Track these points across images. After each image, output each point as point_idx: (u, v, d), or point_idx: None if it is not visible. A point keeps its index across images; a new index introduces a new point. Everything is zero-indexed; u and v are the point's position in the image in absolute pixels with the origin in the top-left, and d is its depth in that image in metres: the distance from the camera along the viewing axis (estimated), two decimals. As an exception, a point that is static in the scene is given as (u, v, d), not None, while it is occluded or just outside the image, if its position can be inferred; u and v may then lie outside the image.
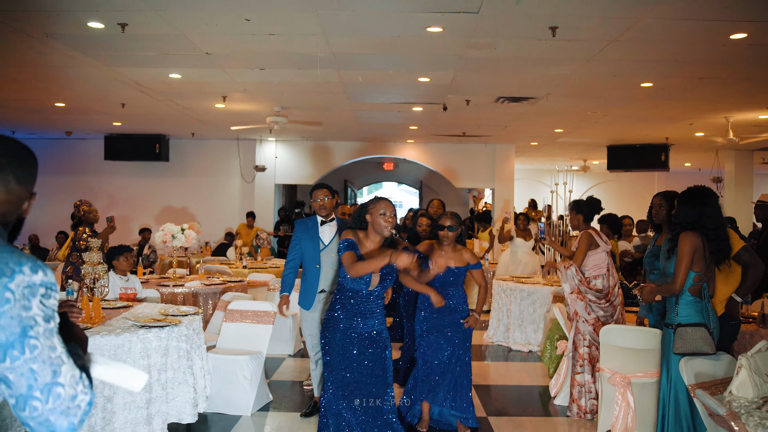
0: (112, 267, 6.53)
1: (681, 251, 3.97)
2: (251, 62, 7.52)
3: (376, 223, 4.03)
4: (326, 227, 5.43)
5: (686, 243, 3.96)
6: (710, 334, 3.90)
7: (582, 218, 5.83)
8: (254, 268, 10.13)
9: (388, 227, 4.01)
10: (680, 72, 7.59)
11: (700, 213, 4.02)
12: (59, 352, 1.50)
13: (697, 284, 3.99)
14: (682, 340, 3.96)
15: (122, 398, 4.44)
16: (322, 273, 5.34)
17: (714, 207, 4.05)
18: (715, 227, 3.99)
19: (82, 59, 7.42)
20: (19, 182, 1.75)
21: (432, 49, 6.77)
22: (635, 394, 4.98)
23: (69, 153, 15.19)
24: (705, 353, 3.89)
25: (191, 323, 5.02)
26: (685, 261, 3.95)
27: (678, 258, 3.98)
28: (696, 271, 3.98)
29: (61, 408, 1.47)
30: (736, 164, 15.29)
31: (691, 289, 3.98)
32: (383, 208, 4.03)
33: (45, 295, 1.52)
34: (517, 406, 6.04)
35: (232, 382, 5.56)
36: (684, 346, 3.94)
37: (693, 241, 3.96)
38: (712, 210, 4.03)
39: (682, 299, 3.99)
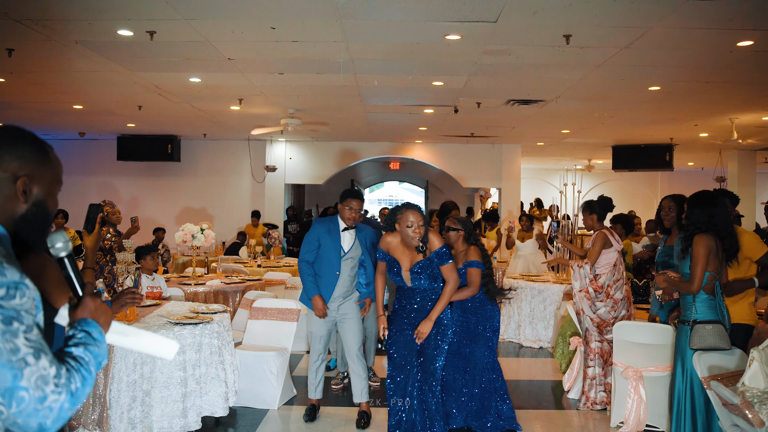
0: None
1: (697, 253, 4.18)
2: (271, 67, 7.74)
3: (404, 234, 4.33)
4: (347, 234, 5.43)
5: (701, 245, 4.18)
6: (726, 329, 4.12)
7: (596, 218, 6.04)
8: (269, 266, 10.34)
9: (416, 238, 4.29)
10: (688, 76, 7.82)
11: (710, 214, 4.24)
12: (22, 354, 1.42)
13: (710, 283, 4.21)
14: (699, 336, 4.18)
15: (159, 392, 4.67)
16: (340, 280, 5.42)
17: (722, 207, 4.27)
18: (726, 225, 4.22)
19: (106, 64, 7.63)
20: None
21: (449, 55, 6.98)
22: (647, 387, 5.22)
23: (82, 153, 15.42)
24: (721, 349, 4.11)
25: (221, 320, 5.24)
26: (701, 263, 4.16)
27: (694, 260, 4.19)
28: (710, 270, 4.20)
29: (28, 411, 1.41)
30: (739, 164, 15.51)
31: (705, 288, 4.20)
32: (410, 219, 4.30)
33: (5, 296, 1.44)
34: (531, 400, 6.27)
35: (260, 377, 5.79)
36: (701, 342, 4.16)
37: (708, 243, 4.18)
38: (721, 210, 4.25)
39: (698, 297, 4.22)
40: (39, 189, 1.71)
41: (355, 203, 5.36)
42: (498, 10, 5.46)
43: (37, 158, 1.71)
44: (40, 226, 1.74)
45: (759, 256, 4.52)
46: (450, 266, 4.40)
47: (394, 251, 4.43)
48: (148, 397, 4.65)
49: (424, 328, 4.35)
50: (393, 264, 4.45)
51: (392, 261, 4.44)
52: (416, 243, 4.28)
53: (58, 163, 1.81)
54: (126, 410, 4.59)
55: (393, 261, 4.44)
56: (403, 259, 4.42)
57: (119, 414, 4.56)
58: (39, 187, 1.71)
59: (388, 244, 4.48)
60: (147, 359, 4.64)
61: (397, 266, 4.42)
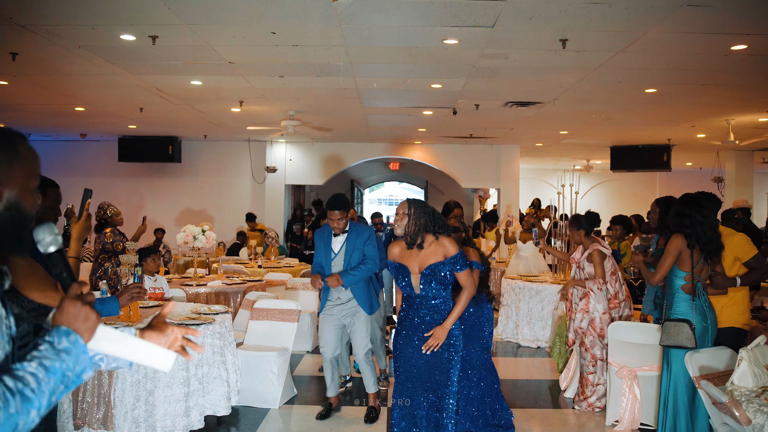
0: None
1: (666, 250, 4.41)
2: (272, 71, 7.82)
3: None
4: (337, 240, 5.63)
5: (672, 243, 4.38)
6: (692, 329, 4.23)
7: (583, 233, 6.08)
8: (270, 267, 10.42)
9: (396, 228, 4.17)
10: (683, 79, 7.90)
11: (683, 218, 4.38)
12: None
13: (687, 284, 4.32)
14: (667, 333, 4.34)
15: (163, 392, 4.75)
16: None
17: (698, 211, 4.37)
18: (700, 229, 4.32)
19: (108, 68, 7.71)
20: None
21: (447, 58, 7.07)
22: (641, 386, 5.31)
23: (83, 154, 15.52)
24: (685, 347, 4.22)
25: (223, 321, 5.33)
26: (668, 259, 4.38)
27: (663, 256, 4.39)
28: (685, 271, 4.33)
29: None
30: (736, 164, 15.59)
31: (684, 288, 4.33)
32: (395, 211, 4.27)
33: None
34: (528, 399, 6.37)
35: (261, 377, 5.88)
36: (667, 339, 4.32)
37: (678, 243, 4.35)
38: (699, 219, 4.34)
39: (677, 297, 4.34)
40: (9, 190, 1.55)
41: (336, 214, 5.49)
42: (495, 16, 5.55)
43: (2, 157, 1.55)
44: (16, 230, 1.58)
45: (749, 257, 4.62)
46: (467, 273, 4.11)
47: (401, 257, 4.18)
48: (152, 396, 4.73)
49: (439, 334, 3.98)
50: (401, 271, 4.14)
51: (400, 267, 4.14)
52: (398, 232, 4.11)
53: (31, 157, 1.64)
54: (130, 409, 4.67)
55: (401, 267, 4.14)
56: (411, 263, 4.12)
57: (123, 413, 4.64)
58: (9, 188, 1.55)
59: (394, 252, 4.23)
60: (150, 359, 4.71)
61: (406, 273, 4.11)
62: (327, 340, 5.66)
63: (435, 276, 4.02)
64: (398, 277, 4.17)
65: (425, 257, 4.07)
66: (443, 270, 4.02)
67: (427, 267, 4.04)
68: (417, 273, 4.08)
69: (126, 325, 4.93)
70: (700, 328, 4.29)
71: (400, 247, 4.19)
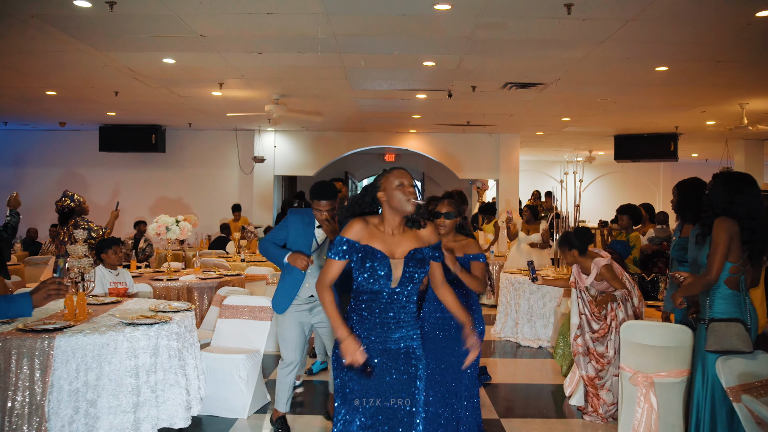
0: (101, 260, 6.21)
1: (717, 237, 3.66)
2: (248, 45, 7.17)
3: (394, 198, 3.12)
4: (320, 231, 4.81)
5: (722, 229, 3.64)
6: (747, 330, 3.57)
7: (577, 252, 5.34)
8: (253, 261, 9.79)
9: (411, 199, 3.09)
10: (698, 55, 7.24)
11: (731, 198, 3.70)
12: None
13: (734, 276, 3.65)
14: (716, 336, 3.64)
15: (107, 402, 4.11)
16: (308, 277, 4.74)
17: (750, 196, 3.71)
18: (749, 216, 3.66)
19: (71, 43, 7.07)
20: None
21: (439, 29, 6.41)
22: (659, 394, 4.66)
23: (63, 144, 14.87)
24: (741, 351, 3.56)
25: (183, 320, 4.68)
26: (720, 248, 3.63)
27: (713, 245, 3.66)
28: (733, 261, 3.65)
29: None
30: (746, 154, 14.96)
31: (727, 281, 3.65)
32: (398, 178, 3.17)
33: None
34: (530, 407, 5.73)
35: (228, 382, 5.24)
36: (717, 343, 3.63)
37: (730, 228, 3.63)
38: (746, 199, 3.69)
39: (719, 292, 3.66)
40: None
41: (322, 204, 4.65)
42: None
43: None
44: None
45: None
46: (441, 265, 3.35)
47: (369, 239, 3.10)
48: (94, 407, 4.09)
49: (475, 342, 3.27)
50: (371, 256, 3.06)
51: (370, 251, 3.07)
52: (412, 207, 3.09)
53: None
54: (67, 423, 4.03)
55: (372, 251, 3.07)
56: (387, 247, 3.11)
57: (59, 427, 4.00)
58: None
59: (359, 231, 3.11)
60: (92, 364, 4.09)
61: (381, 259, 3.06)
62: (291, 341, 4.85)
63: (419, 263, 3.11)
64: (363, 266, 3.07)
65: (407, 241, 3.16)
66: (426, 257, 3.16)
67: (410, 252, 3.11)
68: (399, 259, 3.10)
69: (69, 325, 4.30)
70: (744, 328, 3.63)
71: (369, 224, 3.15)
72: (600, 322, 5.25)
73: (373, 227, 3.15)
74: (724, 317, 3.62)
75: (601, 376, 5.25)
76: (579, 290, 5.45)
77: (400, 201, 3.09)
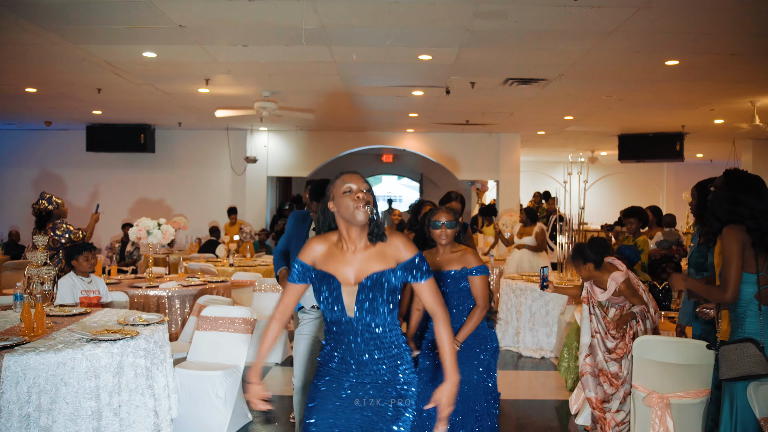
0: (71, 268, 5.78)
1: (728, 249, 3.26)
2: (232, 38, 6.73)
3: (342, 207, 2.65)
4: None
5: (732, 239, 3.26)
6: (761, 350, 3.13)
7: (593, 266, 4.78)
8: (242, 266, 9.36)
9: (360, 207, 2.60)
10: (713, 47, 6.79)
11: (736, 201, 3.34)
12: None
13: (765, 288, 3.21)
14: (727, 362, 3.23)
15: (63, 427, 3.67)
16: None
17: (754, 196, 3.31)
18: (754, 217, 3.27)
19: (43, 35, 6.63)
20: None
21: (434, 19, 5.97)
22: (675, 417, 4.21)
23: (49, 144, 14.42)
24: (758, 375, 3.13)
25: (152, 334, 4.25)
26: (735, 261, 3.22)
27: (726, 259, 3.25)
28: (751, 272, 3.22)
29: None
30: (754, 154, 14.60)
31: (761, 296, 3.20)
32: (345, 182, 2.67)
33: None
34: (531, 426, 5.29)
35: (203, 401, 4.80)
36: (730, 370, 3.21)
37: (740, 236, 3.22)
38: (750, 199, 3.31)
39: (749, 310, 3.21)
40: None
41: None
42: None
43: None
44: None
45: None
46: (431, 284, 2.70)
47: (324, 262, 2.70)
48: (48, 434, 3.65)
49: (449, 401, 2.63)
50: (324, 281, 2.67)
51: (323, 277, 2.67)
52: (363, 217, 2.60)
53: None
54: (19, 451, 3.59)
55: (325, 277, 2.66)
56: (342, 270, 2.67)
57: (10, 456, 3.57)
58: None
59: (314, 252, 2.72)
60: (46, 386, 3.65)
61: (333, 285, 2.65)
62: (301, 356, 4.39)
63: (380, 290, 2.61)
64: (319, 293, 2.67)
65: (366, 261, 2.66)
66: (392, 280, 2.63)
67: (369, 276, 2.62)
68: (352, 285, 2.64)
69: (23, 342, 3.87)
70: None
71: (327, 243, 2.73)
72: (615, 341, 4.77)
73: (332, 246, 2.71)
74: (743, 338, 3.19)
75: (610, 399, 4.79)
76: (591, 306, 4.97)
77: (347, 209, 2.61)
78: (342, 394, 2.65)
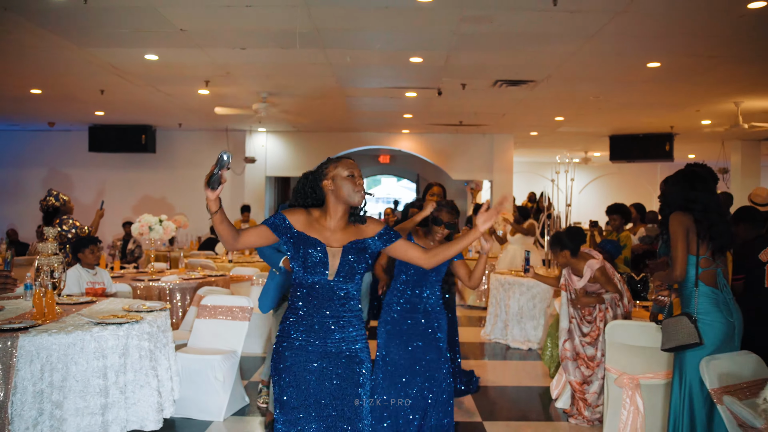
0: (77, 260, 6.08)
1: (673, 233, 3.58)
2: (230, 41, 7.03)
3: (343, 188, 2.89)
4: None
5: (675, 222, 3.57)
6: (693, 323, 3.43)
7: (569, 254, 5.12)
8: (240, 262, 9.65)
9: (360, 192, 2.90)
10: (691, 49, 7.09)
11: (686, 196, 3.63)
12: None
13: (707, 270, 3.51)
14: (666, 334, 3.56)
15: (74, 403, 3.95)
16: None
17: (704, 191, 3.62)
18: (704, 209, 3.56)
19: (49, 38, 6.93)
20: None
21: (423, 23, 6.28)
22: (644, 396, 4.51)
23: (52, 145, 14.73)
24: (691, 345, 3.44)
25: (156, 320, 4.53)
26: (679, 242, 3.54)
27: (672, 241, 3.56)
28: (701, 255, 3.52)
29: None
30: (742, 155, 14.84)
31: (703, 277, 3.51)
32: (349, 168, 2.92)
33: None
34: (516, 410, 5.57)
35: (203, 384, 5.09)
36: (668, 342, 3.54)
37: (683, 220, 3.54)
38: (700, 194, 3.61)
39: (700, 291, 3.51)
40: None
41: None
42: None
43: None
44: None
45: None
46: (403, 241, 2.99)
47: (308, 228, 2.89)
48: (59, 409, 3.94)
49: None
50: (306, 242, 2.84)
51: (306, 239, 2.84)
52: (360, 199, 2.89)
53: None
54: (32, 425, 3.87)
55: (308, 239, 2.84)
56: (325, 236, 2.88)
57: (23, 429, 3.84)
58: None
59: (299, 219, 2.90)
60: (57, 365, 3.94)
61: (317, 246, 2.84)
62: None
63: (362, 254, 2.87)
64: (297, 252, 2.84)
65: (345, 233, 2.92)
66: (370, 248, 2.92)
67: (353, 241, 2.88)
68: (337, 247, 2.86)
69: (35, 324, 4.16)
70: (726, 326, 3.47)
71: (309, 216, 2.93)
72: (591, 325, 5.09)
73: (314, 220, 2.93)
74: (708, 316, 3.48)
75: (590, 381, 5.10)
76: (569, 293, 5.29)
77: (349, 192, 2.87)
78: (310, 366, 2.83)
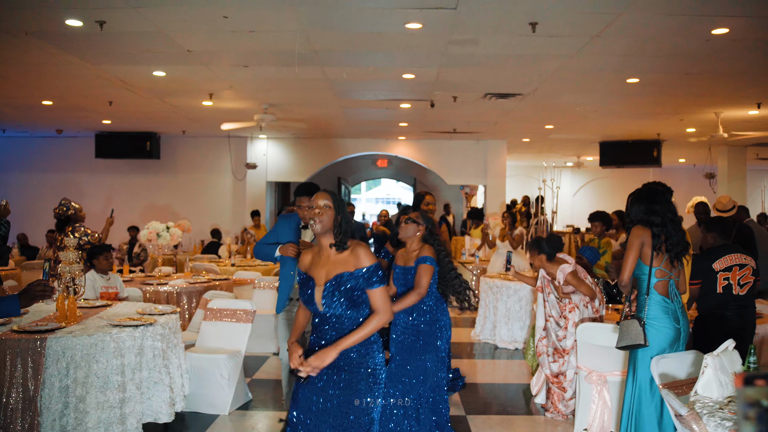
0: (92, 266, 6.52)
1: (629, 243, 4.03)
2: (234, 60, 7.48)
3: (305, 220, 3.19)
4: (309, 231, 4.87)
5: (633, 235, 4.02)
6: (642, 326, 3.89)
7: (545, 258, 5.62)
8: (242, 265, 10.09)
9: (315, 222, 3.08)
10: (665, 67, 7.55)
11: (647, 210, 4.05)
12: None
13: (661, 281, 3.97)
14: (620, 334, 4.02)
15: (95, 398, 4.41)
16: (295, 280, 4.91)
17: (661, 204, 4.06)
18: (662, 223, 4.00)
19: (64, 57, 7.38)
20: None
21: (413, 45, 6.73)
22: (612, 392, 4.96)
23: (60, 151, 15.19)
24: (637, 345, 3.90)
25: (167, 322, 4.99)
26: (632, 253, 3.99)
27: (627, 250, 4.03)
28: (654, 266, 3.98)
29: None
30: (729, 160, 15.26)
31: (657, 287, 3.96)
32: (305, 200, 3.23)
33: None
34: (499, 405, 6.02)
35: (210, 381, 5.53)
36: (621, 341, 4.01)
37: (640, 234, 4.00)
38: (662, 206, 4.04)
39: (651, 299, 3.98)
40: None
41: (305, 201, 4.68)
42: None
43: None
44: None
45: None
46: (380, 292, 3.05)
47: (310, 267, 3.18)
48: (83, 403, 4.40)
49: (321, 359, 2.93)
50: (307, 282, 3.13)
51: (306, 280, 3.14)
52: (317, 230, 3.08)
53: None
54: (58, 417, 4.34)
55: (306, 279, 3.14)
56: (318, 272, 3.12)
57: (51, 421, 4.31)
58: None
59: (305, 261, 3.23)
60: (81, 363, 4.40)
61: (311, 284, 3.11)
62: (285, 339, 5.07)
63: (339, 289, 3.02)
64: (302, 291, 3.15)
65: (333, 265, 3.10)
66: (350, 283, 3.03)
67: (333, 278, 3.04)
68: (321, 285, 3.09)
69: (60, 327, 4.61)
70: (673, 331, 3.93)
71: (312, 253, 3.22)
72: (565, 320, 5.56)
73: (316, 254, 3.20)
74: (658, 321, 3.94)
75: (565, 374, 5.55)
76: (545, 294, 5.76)
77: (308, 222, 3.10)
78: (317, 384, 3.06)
